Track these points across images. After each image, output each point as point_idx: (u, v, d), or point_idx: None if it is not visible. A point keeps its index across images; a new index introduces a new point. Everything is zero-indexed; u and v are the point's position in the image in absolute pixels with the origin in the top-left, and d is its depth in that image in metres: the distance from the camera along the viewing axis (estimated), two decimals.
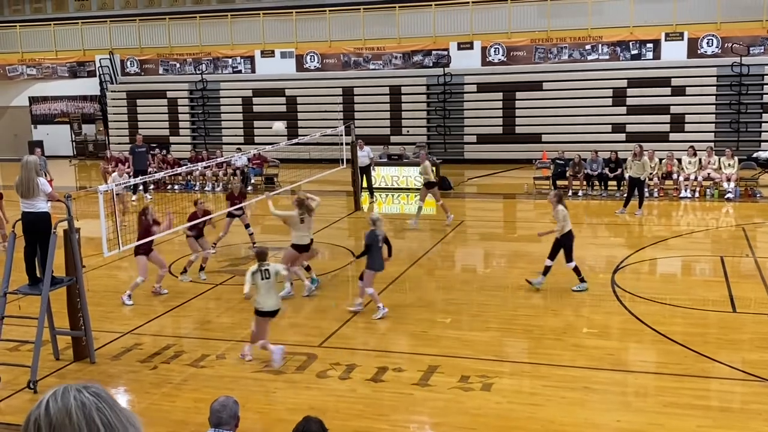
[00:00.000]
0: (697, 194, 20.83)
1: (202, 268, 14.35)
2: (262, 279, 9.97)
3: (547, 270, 12.77)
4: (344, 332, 11.24)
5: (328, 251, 16.43)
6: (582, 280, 12.73)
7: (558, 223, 12.70)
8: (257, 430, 8.32)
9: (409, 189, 23.25)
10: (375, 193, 22.62)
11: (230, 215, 15.82)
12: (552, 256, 12.74)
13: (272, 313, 10.15)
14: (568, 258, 12.70)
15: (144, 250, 12.79)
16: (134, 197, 23.08)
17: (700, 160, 21.25)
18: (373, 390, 9.13)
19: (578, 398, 8.73)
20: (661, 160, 21.47)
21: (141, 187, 22.84)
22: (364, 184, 22.05)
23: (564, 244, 12.68)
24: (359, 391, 9.12)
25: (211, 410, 5.27)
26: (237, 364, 10.07)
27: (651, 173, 20.18)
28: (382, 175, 23.47)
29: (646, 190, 19.67)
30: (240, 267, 15.06)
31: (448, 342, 10.65)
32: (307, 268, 13.40)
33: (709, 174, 21.02)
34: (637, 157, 18.88)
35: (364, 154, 21.96)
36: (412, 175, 23.47)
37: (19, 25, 35.28)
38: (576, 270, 12.71)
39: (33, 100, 35.82)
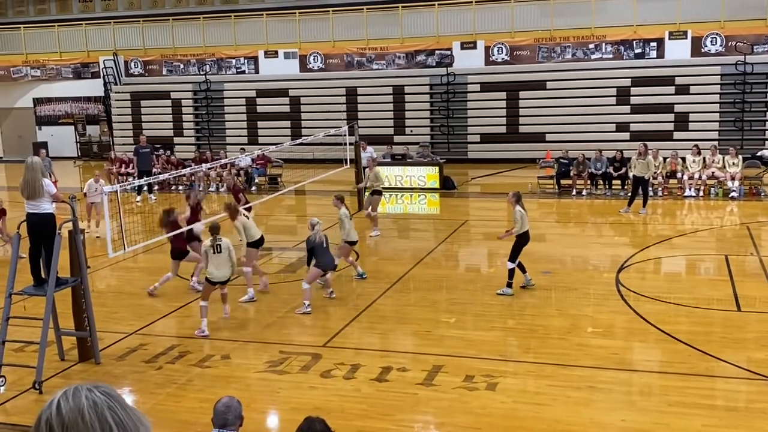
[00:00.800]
0: (701, 193, 20.83)
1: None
2: (214, 252, 11.33)
3: (522, 269, 12.75)
4: (348, 332, 11.27)
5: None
6: (509, 285, 12.52)
7: (516, 223, 12.60)
8: (262, 430, 8.39)
9: (413, 189, 23.30)
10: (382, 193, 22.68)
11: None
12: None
13: (220, 283, 11.55)
14: (512, 258, 12.60)
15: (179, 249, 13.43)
16: (138, 198, 23.13)
17: (704, 158, 21.26)
18: (378, 390, 9.15)
19: (583, 398, 8.74)
20: (665, 158, 21.48)
21: (146, 188, 22.85)
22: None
23: (516, 243, 12.61)
24: (364, 390, 9.15)
25: (215, 411, 5.21)
26: (242, 364, 10.11)
27: (655, 172, 20.19)
28: (385, 175, 23.46)
29: (650, 189, 19.68)
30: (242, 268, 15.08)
31: (452, 342, 10.67)
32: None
33: (713, 173, 21.02)
34: (642, 156, 18.89)
35: (367, 155, 22.05)
36: (415, 175, 23.52)
37: (23, 27, 35.46)
38: (511, 272, 12.53)
39: (37, 101, 35.98)
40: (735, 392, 8.97)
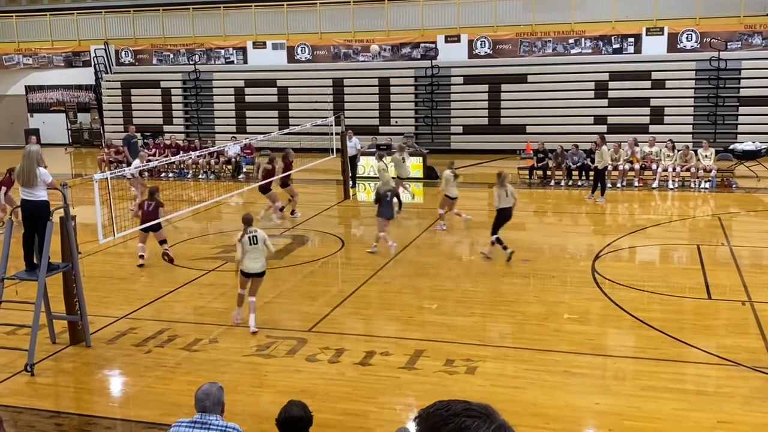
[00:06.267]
0: (675, 185, 21.22)
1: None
2: (250, 244, 10.86)
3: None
4: (334, 317, 11.44)
5: (318, 238, 16.71)
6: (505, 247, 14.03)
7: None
8: (248, 412, 8.41)
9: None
10: (357, 182, 22.86)
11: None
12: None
13: (254, 275, 11.00)
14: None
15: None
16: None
17: (678, 152, 21.64)
18: (361, 373, 9.31)
19: (559, 382, 8.92)
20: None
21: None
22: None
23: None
24: (348, 374, 9.31)
25: (195, 398, 5.24)
26: (229, 348, 10.26)
27: (610, 163, 20.52)
28: (371, 165, 23.67)
29: (608, 179, 20.31)
30: (233, 254, 15.29)
31: (434, 327, 10.84)
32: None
33: (688, 168, 21.43)
34: (597, 147, 19.50)
35: (352, 145, 22.29)
36: None
37: (16, 15, 35.52)
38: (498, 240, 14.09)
39: (29, 89, 35.97)
40: (704, 377, 9.13)
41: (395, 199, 16.60)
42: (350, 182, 21.60)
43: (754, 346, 9.88)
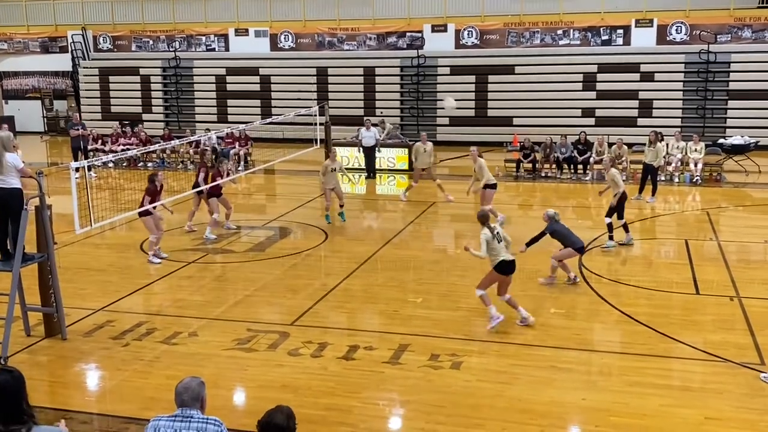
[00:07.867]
0: (664, 178, 21.13)
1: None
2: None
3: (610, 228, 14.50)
4: (317, 311, 11.31)
5: (300, 230, 16.52)
6: (611, 238, 14.45)
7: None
8: (229, 407, 8.32)
9: (382, 170, 23.35)
10: (376, 174, 22.84)
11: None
12: (611, 214, 14.53)
13: None
14: (619, 216, 14.55)
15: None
16: (77, 175, 22.94)
17: (667, 145, 21.52)
18: (345, 368, 9.21)
19: (545, 377, 8.87)
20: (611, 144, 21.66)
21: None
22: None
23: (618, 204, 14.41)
24: (331, 368, 9.20)
25: (175, 392, 5.09)
26: (209, 342, 10.12)
27: (665, 158, 20.11)
28: (355, 156, 23.47)
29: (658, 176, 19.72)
30: (210, 246, 15.08)
31: (418, 321, 10.76)
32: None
33: (678, 159, 21.37)
34: (652, 144, 18.79)
35: (371, 135, 22.15)
36: (384, 156, 23.59)
37: None
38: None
39: (4, 75, 35.45)
40: (691, 373, 9.10)
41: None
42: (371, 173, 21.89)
43: (741, 341, 9.85)
